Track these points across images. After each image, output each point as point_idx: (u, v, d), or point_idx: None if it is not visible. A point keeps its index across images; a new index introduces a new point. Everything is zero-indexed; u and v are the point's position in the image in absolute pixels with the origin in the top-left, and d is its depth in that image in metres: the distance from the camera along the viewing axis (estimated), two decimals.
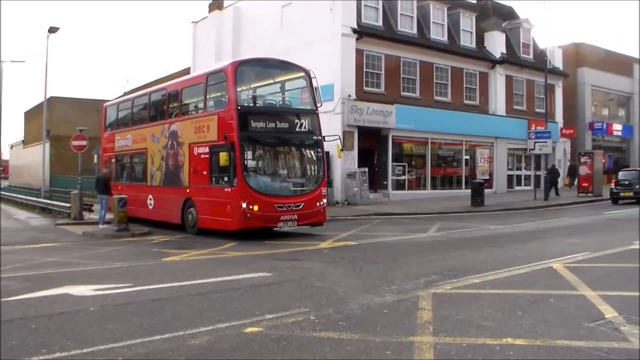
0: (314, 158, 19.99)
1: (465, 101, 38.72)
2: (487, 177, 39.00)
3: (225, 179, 18.54)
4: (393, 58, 34.55)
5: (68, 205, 27.38)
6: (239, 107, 18.37)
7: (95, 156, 33.92)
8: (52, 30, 35.63)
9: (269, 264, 13.42)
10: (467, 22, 39.67)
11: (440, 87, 37.30)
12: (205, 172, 19.63)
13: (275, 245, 16.55)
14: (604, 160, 42.44)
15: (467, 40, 39.54)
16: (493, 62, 40.22)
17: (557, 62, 45.69)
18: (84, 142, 27.27)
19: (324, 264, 13.30)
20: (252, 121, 18.56)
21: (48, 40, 37.23)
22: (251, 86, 20.89)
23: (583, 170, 37.40)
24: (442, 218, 24.82)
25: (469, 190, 31.75)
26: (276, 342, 7.16)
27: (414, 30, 36.01)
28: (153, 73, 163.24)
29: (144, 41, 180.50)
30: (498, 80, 40.59)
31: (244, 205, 17.75)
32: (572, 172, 39.60)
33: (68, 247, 17.93)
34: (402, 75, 35.18)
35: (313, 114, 19.98)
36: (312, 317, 8.24)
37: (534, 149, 33.59)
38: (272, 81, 21.57)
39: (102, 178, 23.97)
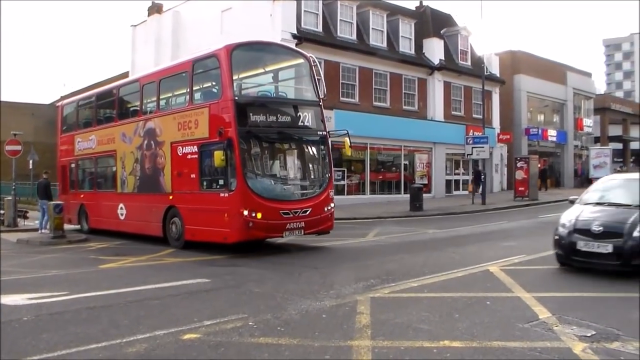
0: (320, 156, 17.69)
1: (404, 107, 39.03)
2: (426, 182, 39.36)
3: (221, 182, 15.98)
4: (332, 63, 34.58)
5: (1, 212, 26.73)
6: (236, 98, 15.81)
7: (31, 162, 33.22)
8: None
9: (208, 270, 13.34)
10: (406, 29, 40.05)
11: (379, 92, 37.53)
12: (193, 176, 16.97)
13: (213, 251, 16.31)
14: (539, 165, 43.28)
15: (406, 47, 39.93)
16: (431, 69, 40.65)
17: (494, 68, 46.48)
18: (18, 147, 26.59)
19: (262, 269, 13.27)
20: (251, 114, 16.03)
21: None
22: (247, 73, 18.32)
23: (519, 175, 38.08)
24: (381, 223, 24.95)
25: (408, 195, 31.96)
26: (214, 348, 7.13)
27: (354, 36, 36.20)
28: (91, 76, 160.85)
29: (80, 44, 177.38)
30: (436, 86, 41.05)
31: (245, 212, 15.17)
32: (478, 178, 38.48)
33: (1, 255, 17.49)
34: (341, 81, 35.19)
35: (317, 106, 17.67)
36: (250, 323, 8.23)
37: (471, 154, 34.02)
38: (269, 68, 18.86)
39: (43, 184, 23.88)
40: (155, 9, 42.85)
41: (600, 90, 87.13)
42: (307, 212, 16.21)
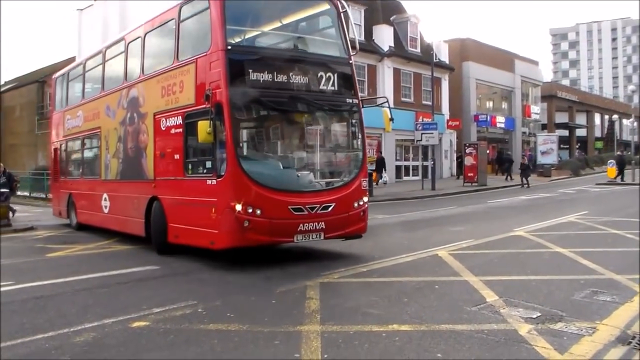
0: (349, 132, 13.38)
1: None
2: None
3: (208, 164, 11.79)
4: None
5: None
6: (229, 47, 11.39)
7: None
8: None
9: (157, 257, 13.17)
10: (356, 15, 40.07)
11: None
12: (177, 156, 12.75)
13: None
14: (488, 151, 43.85)
15: (356, 33, 39.94)
16: (381, 55, 40.82)
17: (443, 56, 46.84)
18: None
19: (211, 257, 13.13)
20: (250, 70, 11.46)
21: None
22: (249, 23, 13.18)
23: (468, 160, 38.61)
24: None
25: None
26: (164, 335, 7.08)
27: None
28: (34, 62, 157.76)
29: (24, 27, 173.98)
30: (386, 73, 41.25)
31: (238, 207, 10.81)
32: (380, 165, 37.03)
33: None
34: None
35: (346, 64, 13.02)
36: (199, 310, 8.19)
37: (421, 140, 34.25)
38: (281, 15, 13.48)
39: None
40: None
41: (547, 78, 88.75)
42: (329, 209, 11.72)
